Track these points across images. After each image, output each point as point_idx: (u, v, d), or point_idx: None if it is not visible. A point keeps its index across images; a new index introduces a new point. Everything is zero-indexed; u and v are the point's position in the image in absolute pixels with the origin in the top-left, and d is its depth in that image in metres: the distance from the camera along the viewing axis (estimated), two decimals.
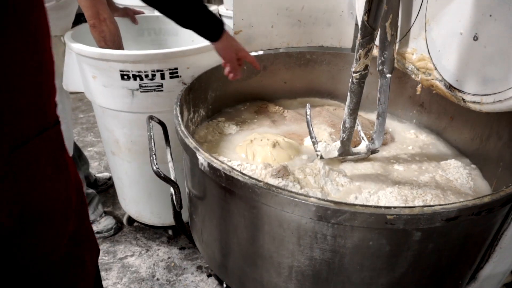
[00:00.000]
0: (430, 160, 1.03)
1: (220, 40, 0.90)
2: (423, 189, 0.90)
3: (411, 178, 0.95)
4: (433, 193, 0.88)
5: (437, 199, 0.86)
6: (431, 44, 0.84)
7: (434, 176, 0.96)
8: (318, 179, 0.89)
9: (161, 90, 1.08)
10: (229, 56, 0.95)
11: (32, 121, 0.52)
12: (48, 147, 0.55)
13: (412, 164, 1.00)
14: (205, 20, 0.86)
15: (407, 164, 1.01)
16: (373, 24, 0.72)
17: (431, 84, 0.86)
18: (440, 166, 1.01)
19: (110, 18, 1.12)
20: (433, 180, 0.94)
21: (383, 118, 0.98)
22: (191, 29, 0.86)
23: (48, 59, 0.53)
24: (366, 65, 0.78)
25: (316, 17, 1.25)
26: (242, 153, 1.00)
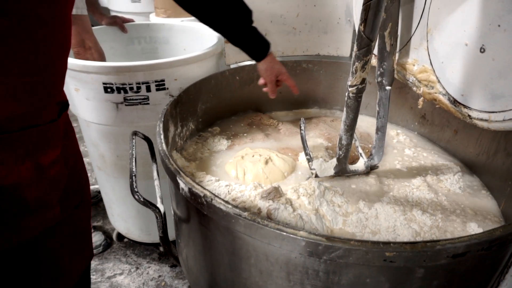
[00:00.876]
0: (432, 175, 0.97)
1: (264, 61, 0.96)
2: (426, 204, 0.83)
3: (411, 192, 0.89)
4: (435, 213, 0.81)
5: (440, 219, 0.79)
6: (434, 55, 0.77)
7: (437, 192, 0.89)
8: (312, 200, 0.82)
9: (147, 103, 1.02)
10: (270, 77, 1.00)
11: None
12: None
13: (413, 178, 0.94)
14: (253, 40, 0.94)
15: (407, 179, 0.95)
16: (370, 34, 0.66)
17: (434, 98, 0.80)
18: (443, 182, 0.94)
19: (96, 47, 1.12)
20: (435, 194, 0.87)
21: (383, 133, 0.92)
22: (239, 47, 0.93)
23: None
24: (363, 78, 0.72)
25: (312, 25, 1.19)
26: (232, 170, 0.94)
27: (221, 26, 0.89)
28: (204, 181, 0.85)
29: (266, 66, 0.97)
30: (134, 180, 0.73)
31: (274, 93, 1.03)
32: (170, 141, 0.92)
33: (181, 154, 1.00)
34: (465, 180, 0.95)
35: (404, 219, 0.79)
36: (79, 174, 0.70)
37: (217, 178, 0.86)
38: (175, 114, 0.95)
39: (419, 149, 1.09)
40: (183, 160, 0.96)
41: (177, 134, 0.98)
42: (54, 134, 0.59)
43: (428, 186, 0.90)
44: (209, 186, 0.83)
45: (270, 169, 0.93)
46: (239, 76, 1.18)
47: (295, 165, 0.99)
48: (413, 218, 0.79)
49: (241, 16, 0.88)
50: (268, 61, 0.96)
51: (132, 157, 0.81)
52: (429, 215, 0.80)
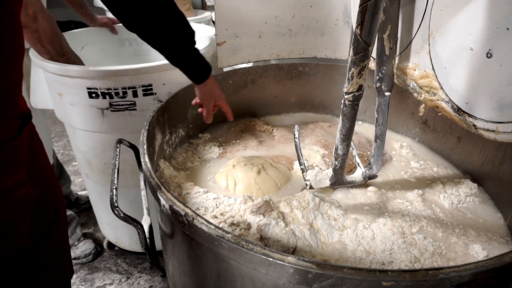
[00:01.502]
0: (433, 185, 0.92)
1: (204, 84, 0.90)
2: (425, 221, 0.78)
3: (411, 205, 0.84)
4: (436, 226, 0.76)
5: (441, 233, 0.74)
6: (436, 60, 0.72)
7: (438, 203, 0.85)
8: (306, 213, 0.78)
9: (134, 109, 0.97)
10: (207, 101, 0.94)
11: None
12: None
13: (413, 189, 0.89)
14: (194, 62, 0.86)
15: (407, 190, 0.89)
16: (368, 38, 0.61)
17: (436, 105, 0.75)
18: (445, 193, 0.89)
19: (43, 14, 0.90)
20: (436, 209, 0.82)
21: (382, 141, 0.87)
22: (179, 67, 0.85)
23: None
24: (360, 85, 0.67)
25: (308, 26, 1.14)
26: (222, 180, 0.89)
27: (160, 45, 0.81)
28: (191, 193, 0.80)
29: (205, 90, 0.91)
30: (115, 194, 0.69)
31: (210, 118, 0.97)
32: (157, 149, 0.87)
33: (170, 162, 0.95)
34: (468, 191, 0.90)
35: (402, 242, 0.73)
36: (53, 191, 0.65)
37: (205, 190, 0.81)
38: (162, 121, 0.90)
39: (419, 158, 1.04)
40: (172, 169, 0.91)
41: (165, 142, 0.94)
42: (15, 153, 0.52)
43: (427, 200, 0.85)
44: (196, 198, 0.78)
45: (262, 179, 0.88)
46: (232, 79, 1.13)
47: (290, 174, 0.94)
48: (413, 241, 0.74)
49: (182, 36, 0.81)
50: (207, 85, 0.90)
51: (114, 168, 0.76)
52: (429, 237, 0.75)
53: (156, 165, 0.87)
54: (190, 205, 0.76)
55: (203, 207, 0.76)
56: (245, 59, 1.15)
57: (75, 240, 1.42)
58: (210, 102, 0.94)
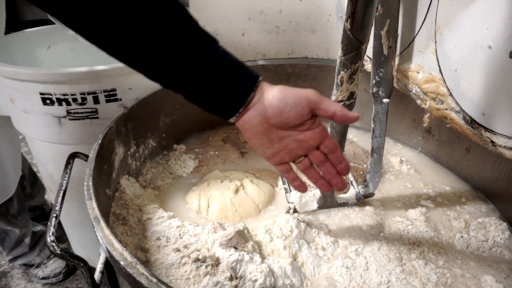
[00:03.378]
0: (439, 203, 0.80)
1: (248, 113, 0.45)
2: (426, 245, 0.66)
3: (412, 225, 0.72)
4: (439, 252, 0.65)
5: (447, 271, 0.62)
6: (444, 61, 0.60)
7: (444, 225, 0.72)
8: (289, 243, 0.65)
9: (96, 117, 0.85)
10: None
11: None
12: None
13: (412, 209, 0.77)
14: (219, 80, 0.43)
15: (408, 207, 0.77)
16: (360, 34, 0.49)
17: (444, 116, 0.62)
18: (451, 209, 0.77)
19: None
20: (441, 232, 0.70)
21: (379, 155, 0.75)
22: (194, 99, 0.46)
23: None
24: (351, 92, 0.55)
25: (297, 23, 1.01)
26: (194, 200, 0.77)
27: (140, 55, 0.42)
28: (153, 218, 0.67)
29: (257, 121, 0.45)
30: (53, 224, 0.56)
31: (340, 182, 0.50)
32: (117, 165, 0.75)
33: (137, 178, 0.83)
34: (478, 211, 0.77)
35: (401, 271, 0.61)
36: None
37: (171, 214, 0.69)
38: (125, 132, 0.78)
39: (422, 171, 0.91)
40: (137, 187, 0.79)
41: (130, 155, 0.81)
42: None
43: (431, 220, 0.73)
44: (158, 226, 0.65)
45: (240, 200, 0.76)
46: None
47: (274, 193, 0.81)
48: (413, 270, 0.62)
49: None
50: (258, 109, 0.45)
51: (60, 189, 0.63)
52: (431, 262, 0.63)
53: (116, 184, 0.75)
54: (150, 234, 0.64)
55: (165, 237, 0.63)
56: None
57: (44, 258, 1.29)
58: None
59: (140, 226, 0.66)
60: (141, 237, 0.64)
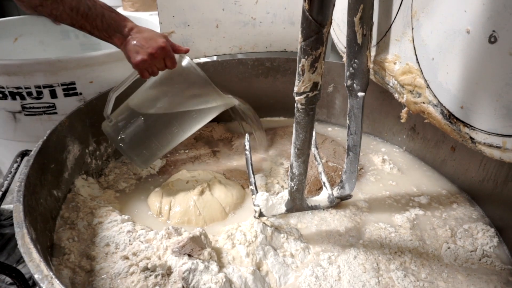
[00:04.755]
0: (424, 206, 0.74)
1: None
2: (407, 263, 0.60)
3: (396, 233, 0.66)
4: (420, 271, 0.58)
5: (429, 275, 0.56)
6: (421, 49, 0.54)
7: (429, 235, 0.66)
8: (253, 250, 0.59)
9: (54, 113, 0.79)
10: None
11: None
12: None
13: (395, 213, 0.71)
14: None
15: (388, 214, 0.72)
16: (319, 15, 0.43)
17: (422, 110, 0.57)
18: (435, 215, 0.71)
19: None
20: (426, 242, 0.64)
21: (355, 154, 0.69)
22: None
23: None
24: (314, 82, 0.49)
25: (275, 14, 0.96)
26: (156, 202, 0.71)
27: None
28: (105, 222, 0.61)
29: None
30: None
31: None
32: (70, 164, 0.69)
33: (98, 179, 0.77)
34: (464, 216, 0.72)
35: (376, 283, 0.56)
36: None
37: (125, 217, 0.63)
38: (82, 128, 0.72)
39: (407, 172, 0.86)
40: (96, 189, 0.73)
41: (88, 153, 0.75)
42: None
43: (418, 227, 0.67)
44: (108, 230, 0.60)
45: (205, 203, 0.70)
46: None
47: (244, 195, 0.75)
48: (389, 282, 0.56)
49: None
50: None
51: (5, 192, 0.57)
52: (410, 274, 0.57)
53: (69, 184, 0.69)
54: (98, 240, 0.58)
55: (114, 243, 0.57)
56: (199, 53, 0.96)
57: (14, 262, 1.23)
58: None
59: (89, 230, 0.60)
60: (89, 243, 0.58)
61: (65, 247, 0.56)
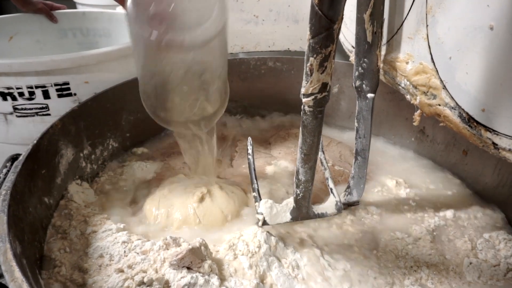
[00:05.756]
0: (436, 211, 0.70)
1: None
2: (427, 274, 0.57)
3: (413, 248, 0.62)
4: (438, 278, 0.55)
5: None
6: (437, 48, 0.51)
7: (449, 248, 0.62)
8: (256, 261, 0.56)
9: (47, 114, 0.76)
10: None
11: None
12: None
13: (418, 219, 0.68)
14: None
15: (403, 218, 0.68)
16: (330, 10, 0.40)
17: (437, 113, 0.53)
18: (452, 224, 0.67)
19: None
20: (446, 257, 0.60)
21: (364, 158, 0.65)
22: None
23: None
24: (323, 83, 0.45)
25: (278, 12, 0.92)
26: (153, 209, 0.67)
27: None
28: (99, 231, 0.58)
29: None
30: None
31: None
32: (63, 169, 0.65)
33: (93, 184, 0.74)
34: (482, 223, 0.68)
35: None
36: None
37: (120, 226, 0.60)
38: (75, 131, 0.69)
39: (417, 176, 0.82)
40: (90, 194, 0.69)
41: (83, 157, 0.72)
42: None
43: (437, 241, 0.62)
44: (102, 240, 0.56)
45: (205, 210, 0.66)
46: None
47: (246, 201, 0.72)
48: None
49: None
50: None
51: None
52: None
53: (62, 190, 0.65)
54: (92, 251, 0.55)
55: (108, 254, 0.54)
56: None
57: None
58: None
59: (82, 240, 0.57)
60: (82, 254, 0.55)
61: (56, 258, 0.53)
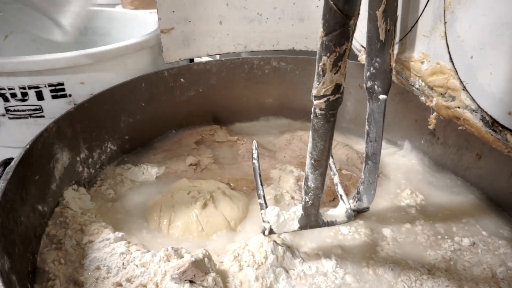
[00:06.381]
0: (449, 219, 0.67)
1: None
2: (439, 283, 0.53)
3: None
4: None
5: None
6: (456, 46, 0.47)
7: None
8: (263, 273, 0.53)
9: (41, 116, 0.72)
10: None
11: None
12: None
13: (416, 224, 0.64)
14: None
15: (409, 226, 0.65)
16: (346, 5, 0.36)
17: (456, 116, 0.50)
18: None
19: None
20: (454, 259, 0.57)
21: (375, 163, 0.62)
22: None
23: None
24: (336, 84, 0.42)
25: (283, 9, 0.89)
26: (154, 216, 0.64)
27: None
28: (96, 241, 0.55)
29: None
30: None
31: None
32: (58, 175, 0.62)
33: (90, 189, 0.70)
34: (498, 237, 0.64)
35: None
36: None
37: (119, 235, 0.56)
38: (71, 134, 0.65)
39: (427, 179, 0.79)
40: (87, 200, 0.66)
41: (79, 162, 0.68)
42: None
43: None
44: (99, 251, 0.53)
45: (209, 217, 0.63)
46: (185, 77, 0.88)
47: (250, 207, 0.69)
48: None
49: None
50: None
51: None
52: None
53: (58, 196, 0.62)
54: (88, 262, 0.51)
55: (106, 266, 0.50)
56: (201, 52, 0.90)
57: None
58: None
59: (78, 251, 0.53)
60: (78, 266, 0.51)
61: (49, 271, 0.50)
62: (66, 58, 0.68)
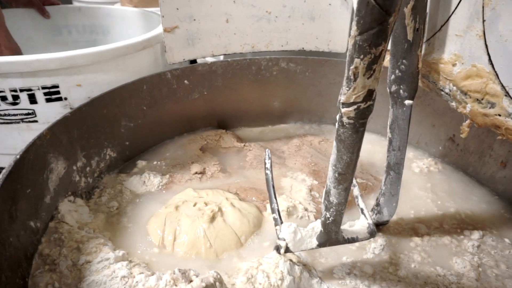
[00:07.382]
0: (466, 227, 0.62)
1: None
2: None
3: (442, 264, 0.53)
4: None
5: None
6: (497, 47, 0.42)
7: (484, 263, 0.54)
8: None
9: (34, 121, 0.67)
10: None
11: None
12: None
13: (442, 236, 0.60)
14: None
15: (433, 238, 0.60)
16: (387, 0, 0.31)
17: (495, 124, 0.45)
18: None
19: (7, 43, 0.77)
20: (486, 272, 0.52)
21: (398, 174, 0.57)
22: None
23: None
24: (369, 90, 0.37)
25: (293, 7, 0.83)
26: (157, 230, 0.59)
27: None
28: (93, 261, 0.49)
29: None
30: None
31: None
32: (52, 186, 0.56)
33: (88, 200, 0.65)
34: None
35: None
36: None
37: (119, 254, 0.51)
38: (67, 141, 0.60)
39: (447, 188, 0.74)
40: (85, 213, 0.61)
41: (76, 171, 0.63)
42: None
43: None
44: (97, 274, 0.47)
45: (217, 231, 0.58)
46: (189, 79, 0.83)
47: (261, 220, 0.63)
48: None
49: None
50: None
51: None
52: None
53: (52, 210, 0.57)
54: (86, 287, 0.46)
55: None
56: (207, 52, 0.84)
57: None
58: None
59: (74, 273, 0.48)
60: None
61: None
62: (61, 58, 0.63)
